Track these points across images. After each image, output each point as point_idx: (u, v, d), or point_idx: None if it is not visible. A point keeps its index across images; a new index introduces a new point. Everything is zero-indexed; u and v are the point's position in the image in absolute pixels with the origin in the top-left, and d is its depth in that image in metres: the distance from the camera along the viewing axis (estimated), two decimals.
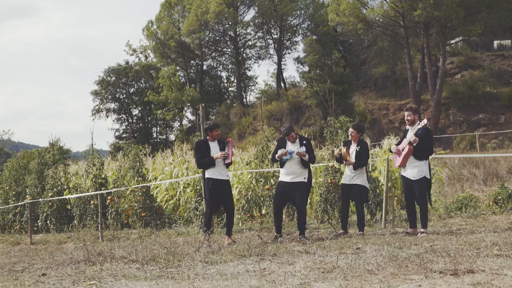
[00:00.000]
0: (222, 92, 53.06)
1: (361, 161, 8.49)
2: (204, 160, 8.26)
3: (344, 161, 8.61)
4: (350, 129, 8.84)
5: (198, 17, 42.34)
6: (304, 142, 8.31)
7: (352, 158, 8.55)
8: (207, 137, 8.50)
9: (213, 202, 8.36)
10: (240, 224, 11.38)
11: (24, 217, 14.86)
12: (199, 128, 10.44)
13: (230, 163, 8.61)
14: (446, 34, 33.16)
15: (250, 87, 52.40)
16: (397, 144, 8.31)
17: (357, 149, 8.55)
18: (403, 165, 8.09)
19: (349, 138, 8.87)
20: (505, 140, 28.21)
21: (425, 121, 8.01)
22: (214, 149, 8.32)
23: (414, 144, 7.85)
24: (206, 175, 8.36)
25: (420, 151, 7.94)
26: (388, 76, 41.23)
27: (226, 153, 8.25)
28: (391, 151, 8.42)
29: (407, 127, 8.26)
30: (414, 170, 7.98)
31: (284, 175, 8.31)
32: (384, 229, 9.15)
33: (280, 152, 8.22)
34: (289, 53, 55.71)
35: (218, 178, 8.26)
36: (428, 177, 8.03)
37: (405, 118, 8.23)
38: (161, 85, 46.64)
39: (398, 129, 31.74)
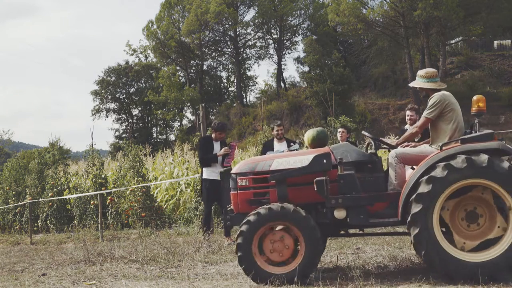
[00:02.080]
0: (222, 92, 53.06)
1: None
2: (208, 157, 8.38)
3: None
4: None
5: (198, 17, 42.35)
6: (291, 144, 8.37)
7: None
8: (212, 135, 8.60)
9: (209, 201, 8.60)
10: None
11: (24, 217, 14.85)
12: (199, 128, 10.45)
13: (229, 167, 8.66)
14: (446, 34, 33.19)
15: (250, 87, 52.46)
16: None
17: None
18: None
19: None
20: (505, 140, 28.14)
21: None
22: (217, 148, 8.45)
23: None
24: (204, 176, 8.54)
25: None
26: (388, 76, 41.23)
27: (228, 150, 8.36)
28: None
29: (407, 127, 8.22)
30: None
31: None
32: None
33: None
34: (289, 53, 55.87)
35: (215, 179, 8.34)
36: None
37: (408, 118, 8.17)
38: (161, 85, 46.64)
39: (398, 129, 31.69)
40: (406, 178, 4.93)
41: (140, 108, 52.09)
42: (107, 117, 51.60)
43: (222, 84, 53.40)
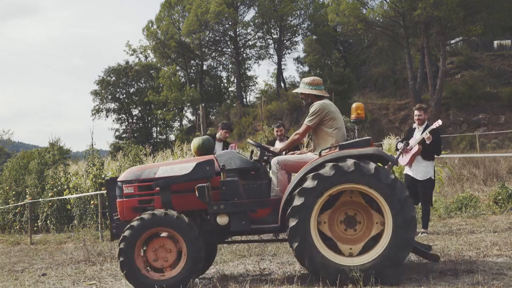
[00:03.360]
0: (222, 92, 53.02)
1: None
2: None
3: None
4: None
5: (198, 17, 42.32)
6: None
7: None
8: (217, 134, 8.64)
9: None
10: None
11: (24, 217, 14.84)
12: (199, 128, 10.46)
13: None
14: (446, 34, 33.14)
15: (250, 87, 52.41)
16: (402, 142, 8.23)
17: None
18: (409, 164, 8.05)
19: None
20: (505, 140, 28.20)
21: (439, 122, 7.96)
22: (219, 148, 8.45)
23: (428, 142, 7.79)
24: None
25: (429, 151, 7.90)
26: (388, 76, 41.21)
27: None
28: (397, 149, 8.35)
29: (415, 125, 8.21)
30: (421, 170, 7.93)
31: None
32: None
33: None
34: (289, 53, 55.73)
35: None
36: (433, 178, 8.01)
37: (416, 118, 8.14)
38: (161, 85, 46.62)
39: (398, 129, 31.71)
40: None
41: (140, 108, 52.06)
42: (107, 117, 51.61)
43: (222, 84, 53.38)
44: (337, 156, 4.82)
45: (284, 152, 5.51)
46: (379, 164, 5.09)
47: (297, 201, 4.68)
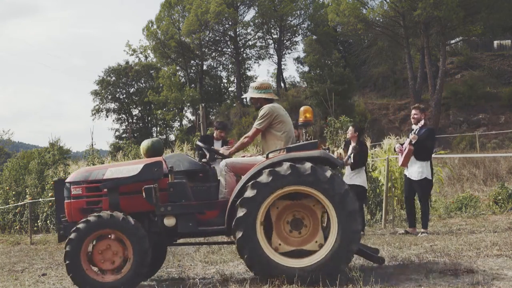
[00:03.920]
0: (222, 92, 53.00)
1: (358, 161, 8.38)
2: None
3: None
4: (350, 128, 8.96)
5: (198, 17, 42.32)
6: None
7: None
8: (214, 134, 8.68)
9: None
10: None
11: (24, 217, 14.83)
12: (199, 128, 10.48)
13: None
14: (446, 34, 33.15)
15: None
16: (403, 144, 8.31)
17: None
18: (405, 164, 8.09)
19: (348, 137, 8.94)
20: (505, 140, 28.19)
21: (422, 122, 8.03)
22: (218, 147, 8.45)
23: (413, 142, 7.82)
24: None
25: (422, 151, 7.92)
26: (388, 76, 41.21)
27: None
28: (395, 150, 8.44)
29: (413, 126, 8.26)
30: (415, 171, 7.97)
31: None
32: (384, 229, 9.15)
33: None
34: (289, 53, 55.76)
35: None
36: (430, 178, 8.01)
37: (412, 117, 8.20)
38: (161, 85, 46.61)
39: (398, 129, 31.70)
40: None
41: (140, 108, 52.04)
42: (107, 117, 51.57)
43: (222, 84, 53.36)
44: (284, 158, 4.82)
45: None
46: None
47: (249, 193, 4.68)
